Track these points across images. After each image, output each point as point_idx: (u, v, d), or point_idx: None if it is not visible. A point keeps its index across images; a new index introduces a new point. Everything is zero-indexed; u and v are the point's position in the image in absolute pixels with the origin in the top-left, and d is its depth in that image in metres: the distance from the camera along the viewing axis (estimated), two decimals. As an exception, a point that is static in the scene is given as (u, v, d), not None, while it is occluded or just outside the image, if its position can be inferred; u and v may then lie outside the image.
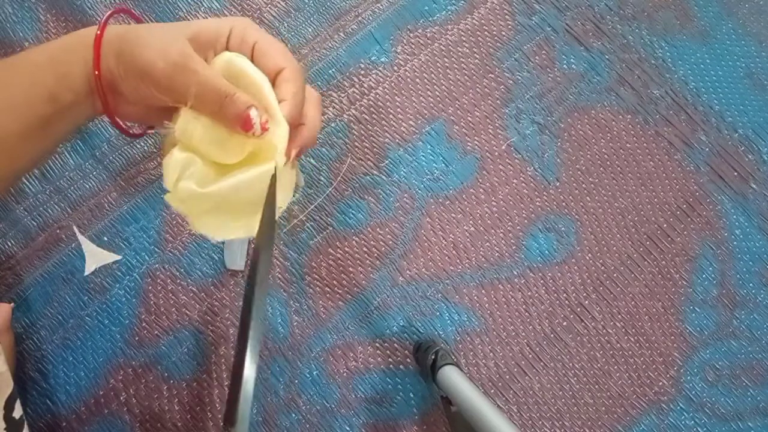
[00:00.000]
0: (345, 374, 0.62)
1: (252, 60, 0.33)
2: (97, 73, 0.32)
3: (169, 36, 0.31)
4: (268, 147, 0.32)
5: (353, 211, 0.67)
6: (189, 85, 0.31)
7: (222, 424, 0.28)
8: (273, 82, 0.33)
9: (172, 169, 0.32)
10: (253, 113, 0.31)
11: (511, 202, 0.68)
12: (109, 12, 0.35)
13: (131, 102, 0.34)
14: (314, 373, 0.62)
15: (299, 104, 0.33)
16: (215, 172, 0.33)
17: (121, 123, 0.36)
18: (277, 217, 0.34)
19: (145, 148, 0.67)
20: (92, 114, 0.35)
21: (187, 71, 0.31)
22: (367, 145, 0.69)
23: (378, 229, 0.66)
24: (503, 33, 0.74)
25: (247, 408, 0.27)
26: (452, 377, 0.54)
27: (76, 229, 0.64)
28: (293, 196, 0.35)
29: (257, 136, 0.31)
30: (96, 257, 0.64)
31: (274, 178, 0.31)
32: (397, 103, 0.71)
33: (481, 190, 0.68)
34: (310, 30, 0.73)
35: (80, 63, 0.32)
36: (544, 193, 0.69)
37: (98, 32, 0.32)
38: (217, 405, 0.61)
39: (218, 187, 0.32)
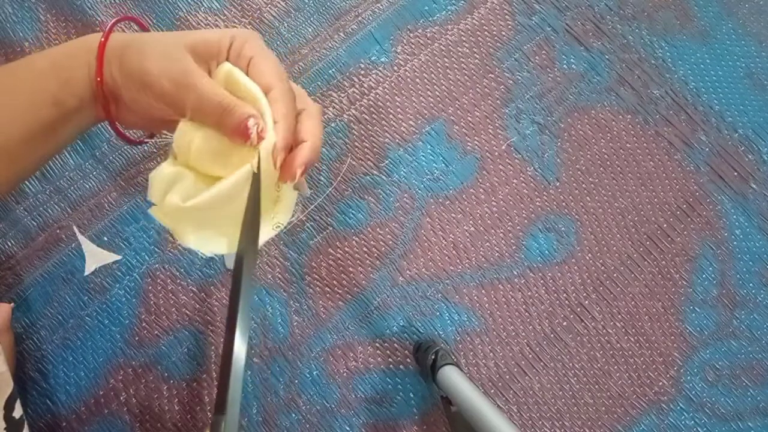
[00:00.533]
0: (345, 374, 0.62)
1: (247, 75, 0.33)
2: (99, 79, 0.32)
3: (172, 49, 0.31)
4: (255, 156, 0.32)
5: (353, 211, 0.67)
6: (189, 99, 0.31)
7: (213, 413, 0.27)
8: None
9: (158, 182, 0.32)
10: (251, 123, 0.30)
11: (511, 202, 0.68)
12: (115, 19, 0.35)
13: (132, 110, 0.34)
14: (314, 373, 0.62)
15: (291, 126, 0.32)
16: (207, 187, 0.33)
17: (121, 129, 0.36)
18: (276, 233, 0.33)
19: (146, 148, 0.67)
20: (96, 119, 0.35)
21: (188, 87, 0.31)
22: (367, 145, 0.69)
23: (378, 229, 0.66)
24: (503, 33, 0.74)
25: (237, 394, 0.27)
26: (452, 377, 0.54)
27: (76, 229, 0.64)
28: (294, 215, 0.35)
29: (254, 146, 0.31)
30: (96, 257, 0.64)
31: (256, 178, 0.31)
32: (397, 103, 0.71)
33: (481, 190, 0.68)
34: (310, 30, 0.73)
35: (83, 68, 0.32)
36: (544, 193, 0.69)
37: (102, 39, 0.32)
38: (217, 405, 0.61)
39: (199, 199, 0.31)
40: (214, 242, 0.33)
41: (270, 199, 0.34)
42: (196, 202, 0.31)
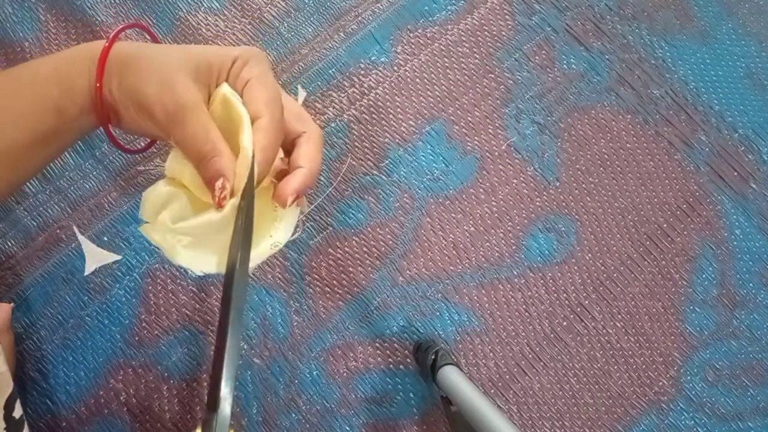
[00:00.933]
0: (345, 374, 0.62)
1: (242, 97, 0.33)
2: (98, 85, 0.32)
3: (171, 75, 0.31)
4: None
5: (353, 211, 0.67)
6: (175, 135, 0.31)
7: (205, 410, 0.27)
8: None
9: (152, 200, 0.32)
10: (218, 185, 0.30)
11: (511, 202, 0.68)
12: (119, 27, 0.34)
13: (131, 124, 0.34)
14: (314, 373, 0.62)
15: (268, 160, 0.32)
16: (200, 209, 0.33)
17: (116, 138, 0.36)
18: (274, 251, 0.33)
19: (145, 148, 0.67)
20: (97, 125, 0.35)
21: (176, 122, 0.31)
22: (367, 145, 0.69)
23: (378, 229, 0.66)
24: (503, 33, 0.74)
25: (229, 390, 0.26)
26: (452, 377, 0.54)
27: (76, 229, 0.64)
28: (295, 234, 0.35)
29: (215, 205, 0.31)
30: (96, 257, 0.64)
31: (244, 212, 0.31)
32: (397, 103, 0.71)
33: (481, 190, 0.68)
34: (310, 30, 0.73)
35: (84, 75, 0.32)
36: (544, 193, 0.69)
37: (106, 44, 0.32)
38: (217, 405, 0.61)
39: (187, 224, 0.31)
40: (204, 261, 0.32)
41: (267, 218, 0.34)
42: (185, 225, 0.31)
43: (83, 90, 0.32)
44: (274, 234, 0.34)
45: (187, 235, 0.32)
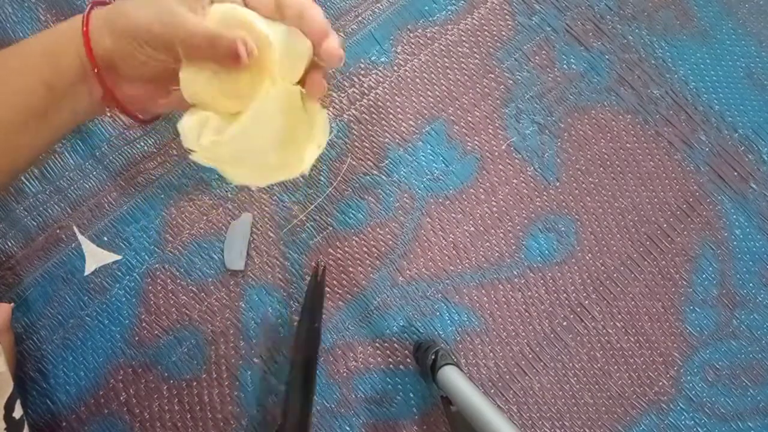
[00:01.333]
0: (345, 374, 0.62)
1: (247, 6, 0.34)
2: (89, 49, 0.32)
3: (159, 1, 0.32)
4: (268, 77, 0.33)
5: (353, 211, 0.67)
6: (179, 37, 0.32)
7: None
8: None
9: (188, 131, 0.34)
10: (240, 44, 0.31)
11: (511, 202, 0.68)
12: None
13: (130, 78, 0.34)
14: (314, 373, 0.62)
15: (317, 15, 0.33)
16: (230, 121, 0.34)
17: (126, 105, 0.36)
18: (319, 153, 0.36)
19: (145, 148, 0.67)
20: (89, 102, 0.35)
21: (176, 24, 0.32)
22: (367, 145, 0.69)
23: (378, 229, 0.66)
24: (503, 33, 0.74)
25: None
26: (452, 377, 0.54)
27: (76, 229, 0.64)
28: (331, 133, 0.37)
29: (248, 64, 0.32)
30: (96, 257, 0.64)
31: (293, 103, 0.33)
32: (397, 103, 0.71)
33: (481, 190, 0.68)
34: (310, 30, 0.72)
35: (72, 48, 0.33)
36: (544, 193, 0.69)
37: (86, 13, 0.33)
38: (217, 405, 0.61)
39: (233, 129, 0.33)
40: (265, 171, 0.35)
41: (303, 129, 0.36)
42: (230, 133, 0.33)
43: (72, 62, 0.33)
44: (314, 138, 0.36)
45: (234, 146, 0.34)
